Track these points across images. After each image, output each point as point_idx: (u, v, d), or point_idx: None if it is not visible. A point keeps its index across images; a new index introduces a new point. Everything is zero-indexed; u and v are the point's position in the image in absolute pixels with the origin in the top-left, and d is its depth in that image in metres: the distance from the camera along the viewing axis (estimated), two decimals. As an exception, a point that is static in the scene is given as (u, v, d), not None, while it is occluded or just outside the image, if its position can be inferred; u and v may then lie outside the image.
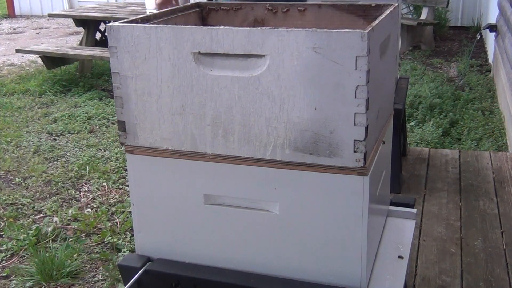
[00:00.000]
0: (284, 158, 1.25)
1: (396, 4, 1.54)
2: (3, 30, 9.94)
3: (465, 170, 3.57)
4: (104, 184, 3.67)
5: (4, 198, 3.44)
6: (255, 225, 1.32)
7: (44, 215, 3.27)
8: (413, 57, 6.91)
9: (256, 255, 1.35)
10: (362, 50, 1.12)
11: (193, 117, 1.28)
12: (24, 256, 2.84)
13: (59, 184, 3.68)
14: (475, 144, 4.18)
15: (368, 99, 1.15)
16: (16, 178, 3.77)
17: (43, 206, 3.38)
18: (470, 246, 2.72)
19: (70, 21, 8.25)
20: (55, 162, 4.07)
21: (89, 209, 3.34)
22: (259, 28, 1.18)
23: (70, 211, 3.28)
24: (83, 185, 3.69)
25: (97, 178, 3.74)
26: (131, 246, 2.85)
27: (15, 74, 6.65)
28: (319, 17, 1.61)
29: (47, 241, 2.95)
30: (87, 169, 3.87)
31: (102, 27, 6.72)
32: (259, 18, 1.66)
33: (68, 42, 8.48)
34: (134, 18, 1.37)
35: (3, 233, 3.07)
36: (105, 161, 4.05)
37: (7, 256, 2.84)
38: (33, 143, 4.41)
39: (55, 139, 4.55)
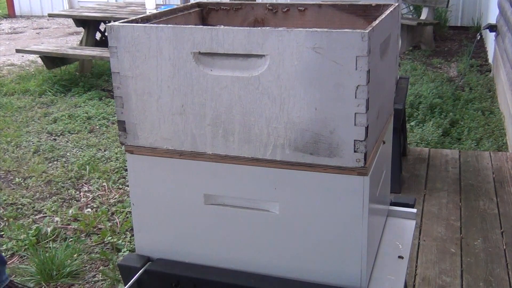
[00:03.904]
0: (284, 158, 1.25)
1: (396, 4, 1.54)
2: (3, 30, 9.94)
3: (465, 170, 3.57)
4: (104, 184, 3.67)
5: (4, 198, 3.44)
6: (255, 225, 1.32)
7: (44, 215, 3.27)
8: (413, 57, 6.91)
9: (256, 255, 1.35)
10: (363, 50, 1.11)
11: (193, 117, 1.28)
12: (24, 256, 2.84)
13: (59, 184, 3.68)
14: (475, 144, 4.18)
15: (368, 99, 1.15)
16: (16, 178, 3.77)
17: (43, 206, 3.38)
18: (470, 246, 2.72)
19: (70, 21, 8.25)
20: (55, 162, 4.07)
21: (89, 209, 3.34)
22: (259, 28, 1.18)
23: (70, 211, 3.28)
24: (83, 185, 3.69)
25: (97, 178, 3.74)
26: (131, 246, 2.85)
27: (15, 74, 6.65)
28: (319, 17, 1.61)
29: (47, 241, 2.95)
30: (87, 169, 3.87)
31: (102, 27, 6.72)
32: (259, 18, 1.66)
33: (68, 42, 8.48)
34: (134, 18, 1.37)
35: (3, 233, 3.07)
36: (105, 161, 4.06)
37: (7, 256, 2.84)
38: (33, 143, 4.41)
39: (55, 139, 4.55)
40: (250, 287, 1.33)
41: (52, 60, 6.05)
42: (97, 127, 4.80)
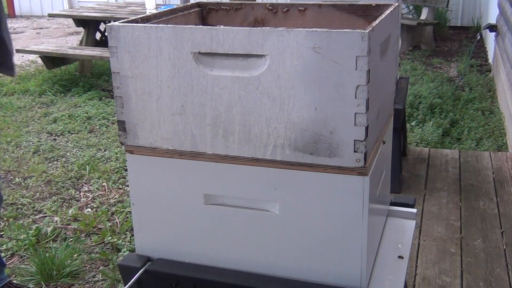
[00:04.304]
0: (284, 158, 1.25)
1: (396, 4, 1.54)
2: (3, 30, 9.92)
3: (465, 170, 3.57)
4: (104, 184, 3.67)
5: (4, 198, 3.44)
6: (255, 225, 1.32)
7: (44, 215, 3.27)
8: (413, 57, 6.91)
9: (256, 255, 1.35)
10: (363, 50, 1.11)
11: (193, 117, 1.28)
12: (24, 256, 2.84)
13: (59, 184, 3.68)
14: (475, 144, 4.18)
15: (368, 99, 1.15)
16: (16, 178, 3.77)
17: (43, 206, 3.38)
18: (470, 246, 2.72)
19: (70, 21, 8.25)
20: (55, 162, 4.07)
21: (89, 209, 3.34)
22: (259, 28, 1.18)
23: (70, 211, 3.28)
24: (83, 185, 3.69)
25: (97, 178, 3.75)
26: (131, 246, 2.85)
27: (15, 74, 6.64)
28: (319, 17, 1.61)
29: (47, 241, 2.95)
30: (87, 169, 3.87)
31: (102, 27, 6.72)
32: (259, 18, 1.66)
33: (68, 42, 8.48)
34: (134, 18, 1.37)
35: (3, 233, 3.07)
36: (105, 161, 4.06)
37: (7, 256, 2.84)
38: (33, 143, 4.41)
39: (55, 139, 4.55)
40: (250, 287, 1.33)
41: (52, 60, 6.05)
42: (97, 127, 4.80)
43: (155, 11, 1.67)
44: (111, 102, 5.34)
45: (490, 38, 6.69)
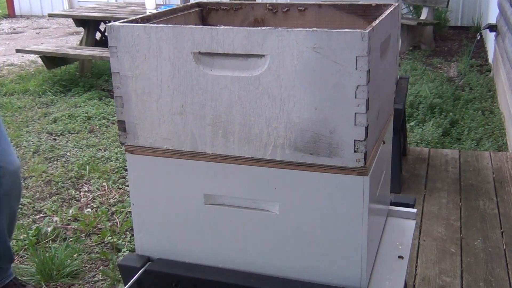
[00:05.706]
0: (284, 158, 1.25)
1: (396, 4, 1.54)
2: (3, 30, 9.94)
3: (465, 170, 3.57)
4: (104, 184, 3.66)
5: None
6: (255, 225, 1.32)
7: (44, 215, 3.27)
8: (413, 57, 6.91)
9: (256, 255, 1.35)
10: (363, 50, 1.11)
11: (193, 117, 1.28)
12: (24, 256, 2.84)
13: (59, 184, 3.68)
14: (475, 144, 4.18)
15: (368, 99, 1.15)
16: (16, 178, 3.77)
17: (43, 206, 3.38)
18: (470, 246, 2.72)
19: (70, 21, 8.25)
20: (55, 162, 4.07)
21: (89, 209, 3.34)
22: (259, 28, 1.18)
23: (70, 211, 3.28)
24: (83, 185, 3.69)
25: (97, 178, 3.74)
26: (131, 246, 2.85)
27: (15, 74, 6.65)
28: (319, 17, 1.61)
29: (47, 241, 2.95)
30: (87, 169, 3.87)
31: (102, 27, 6.72)
32: (259, 18, 1.66)
33: (68, 42, 8.48)
34: (134, 18, 1.37)
35: (3, 233, 3.06)
36: (105, 161, 4.05)
37: (7, 256, 2.83)
38: (33, 143, 4.41)
39: (55, 139, 4.55)
40: (250, 287, 1.33)
41: (52, 60, 6.05)
42: (97, 127, 4.80)
43: (155, 11, 1.67)
44: (111, 102, 5.34)
45: (490, 38, 6.69)
